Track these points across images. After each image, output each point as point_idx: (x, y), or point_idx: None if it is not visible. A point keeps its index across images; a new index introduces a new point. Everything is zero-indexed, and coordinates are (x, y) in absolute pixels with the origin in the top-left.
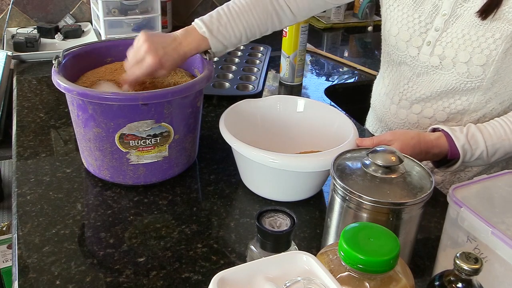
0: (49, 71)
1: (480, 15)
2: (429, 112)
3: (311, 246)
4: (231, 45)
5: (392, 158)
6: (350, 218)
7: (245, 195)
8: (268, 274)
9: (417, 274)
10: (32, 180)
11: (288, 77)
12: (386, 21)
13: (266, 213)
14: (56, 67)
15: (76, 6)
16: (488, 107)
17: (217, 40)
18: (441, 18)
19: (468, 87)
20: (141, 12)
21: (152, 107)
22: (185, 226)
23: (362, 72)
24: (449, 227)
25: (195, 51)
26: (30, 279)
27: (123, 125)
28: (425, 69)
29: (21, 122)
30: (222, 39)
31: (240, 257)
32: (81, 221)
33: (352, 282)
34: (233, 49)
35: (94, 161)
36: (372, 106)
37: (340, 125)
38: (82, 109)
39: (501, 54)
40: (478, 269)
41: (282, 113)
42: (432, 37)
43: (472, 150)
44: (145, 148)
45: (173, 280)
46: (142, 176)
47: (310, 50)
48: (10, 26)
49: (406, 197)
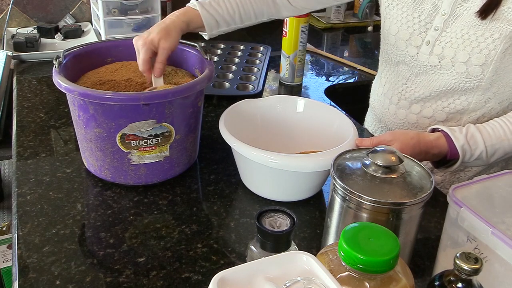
0: (49, 71)
1: (480, 15)
2: (428, 112)
3: (311, 246)
4: (224, 22)
5: (392, 158)
6: (350, 218)
7: (245, 195)
8: (268, 274)
9: (417, 274)
10: (32, 180)
11: (288, 77)
12: (386, 20)
13: (266, 213)
14: (56, 68)
15: (76, 6)
16: (487, 107)
17: (208, 14)
18: (441, 17)
19: (467, 87)
20: (141, 12)
21: (154, 107)
22: (185, 226)
23: (362, 72)
24: (449, 227)
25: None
26: (30, 279)
27: (124, 125)
28: (424, 69)
29: (21, 122)
30: (214, 13)
31: (240, 257)
32: (81, 221)
33: (352, 282)
34: (227, 28)
35: (95, 162)
36: (371, 106)
37: (340, 125)
38: (83, 109)
39: (499, 54)
40: (478, 269)
41: (282, 113)
42: (431, 37)
43: (472, 150)
44: (146, 148)
45: (173, 280)
46: (143, 176)
47: (310, 50)
48: (10, 26)
49: (406, 197)
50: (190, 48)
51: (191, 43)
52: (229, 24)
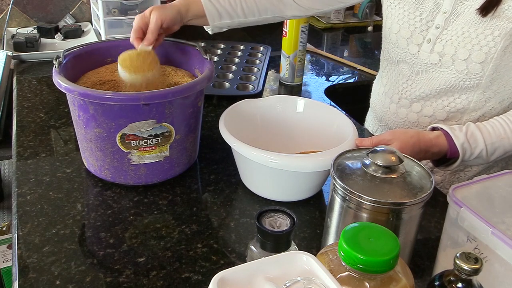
0: (49, 71)
1: (481, 12)
2: (429, 111)
3: (311, 246)
4: (226, 14)
5: (392, 158)
6: (350, 218)
7: (245, 195)
8: (268, 274)
9: (417, 274)
10: (32, 180)
11: (288, 77)
12: (387, 18)
13: (266, 213)
14: (56, 68)
15: (76, 6)
16: (488, 106)
17: (210, 2)
18: (442, 16)
19: (467, 85)
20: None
21: (154, 107)
22: (185, 226)
23: (362, 72)
24: (449, 227)
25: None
26: (30, 279)
27: (124, 125)
28: (424, 67)
29: (21, 122)
30: (215, 2)
31: (240, 257)
32: (81, 221)
33: (352, 282)
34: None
35: (95, 162)
36: (372, 106)
37: (340, 125)
38: (83, 109)
39: (499, 51)
40: (478, 269)
41: (282, 113)
42: (432, 35)
43: (472, 149)
44: (146, 148)
45: (173, 280)
46: (143, 176)
47: (310, 50)
48: (10, 26)
49: (406, 197)
50: (190, 48)
51: (191, 43)
52: (231, 16)
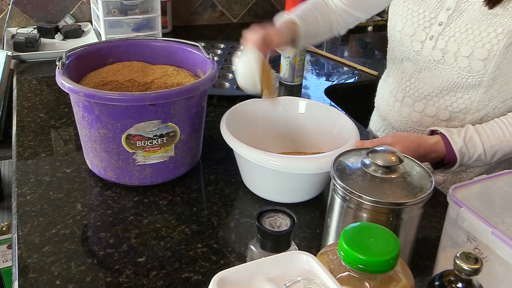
0: (49, 71)
1: (487, 3)
2: (432, 111)
3: (311, 246)
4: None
5: (392, 158)
6: (350, 218)
7: (245, 195)
8: (268, 274)
9: (417, 274)
10: (32, 180)
11: (288, 77)
12: (392, 17)
13: (266, 213)
14: (60, 68)
15: (76, 6)
16: (491, 106)
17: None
18: (445, 12)
19: (469, 82)
20: (141, 12)
21: (160, 107)
22: (185, 226)
23: (362, 72)
24: (449, 227)
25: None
26: (30, 279)
27: (130, 126)
28: (427, 64)
29: (21, 122)
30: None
31: (240, 257)
32: (81, 221)
33: (352, 282)
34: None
35: (100, 163)
36: (377, 105)
37: (342, 127)
38: (88, 110)
39: (502, 49)
40: (478, 269)
41: (283, 114)
42: (435, 32)
43: (470, 153)
44: (151, 148)
45: (173, 280)
46: (148, 177)
47: (310, 50)
48: (10, 26)
49: (406, 197)
50: (191, 48)
51: (193, 43)
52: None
